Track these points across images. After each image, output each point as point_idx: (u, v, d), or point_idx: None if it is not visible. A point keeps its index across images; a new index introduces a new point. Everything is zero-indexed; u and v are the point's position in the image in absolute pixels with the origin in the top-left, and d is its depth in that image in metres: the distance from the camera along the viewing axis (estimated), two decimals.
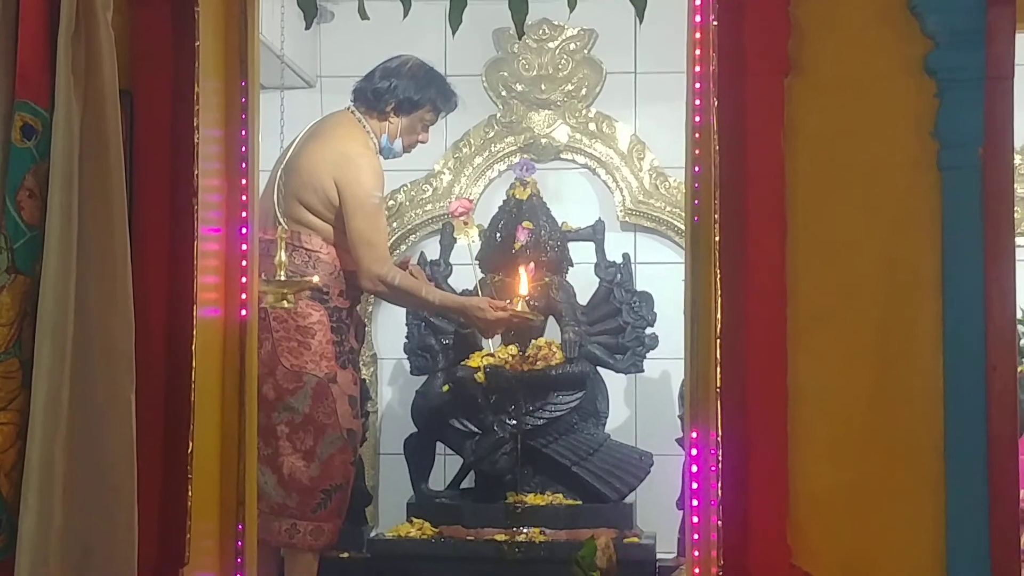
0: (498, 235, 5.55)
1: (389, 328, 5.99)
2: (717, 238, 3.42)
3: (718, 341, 3.40)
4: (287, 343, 4.89)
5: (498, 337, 5.51)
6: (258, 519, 4.73)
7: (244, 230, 3.75)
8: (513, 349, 5.46)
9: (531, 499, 5.30)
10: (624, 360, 5.54)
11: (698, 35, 3.57)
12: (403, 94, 5.18)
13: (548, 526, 5.23)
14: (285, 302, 4.66)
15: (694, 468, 3.60)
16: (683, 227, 5.00)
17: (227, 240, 3.72)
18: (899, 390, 3.43)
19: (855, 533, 3.39)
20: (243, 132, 3.74)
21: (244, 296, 3.75)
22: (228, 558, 3.70)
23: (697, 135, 3.58)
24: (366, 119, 5.17)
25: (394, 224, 6.04)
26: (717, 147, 3.43)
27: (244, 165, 3.75)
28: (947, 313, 3.41)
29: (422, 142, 5.32)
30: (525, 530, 5.22)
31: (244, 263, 3.74)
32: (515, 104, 6.11)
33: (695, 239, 3.63)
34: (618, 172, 6.06)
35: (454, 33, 3.87)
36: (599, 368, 5.53)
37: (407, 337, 5.62)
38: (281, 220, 4.94)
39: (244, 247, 3.75)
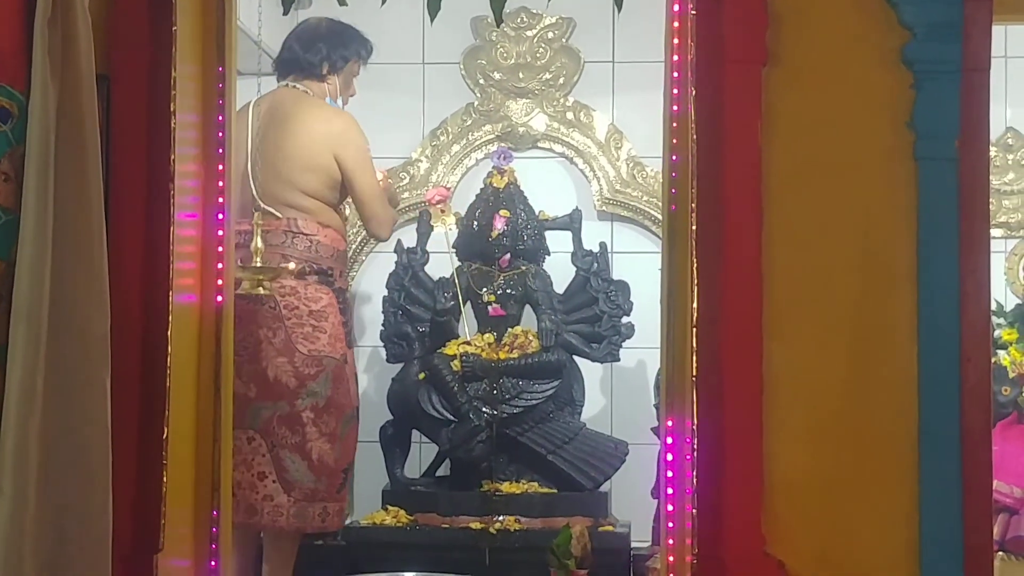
0: (475, 223, 5.55)
1: (365, 315, 5.99)
2: (694, 227, 3.43)
3: (694, 330, 3.40)
4: (301, 329, 4.92)
5: (475, 325, 5.52)
6: (292, 507, 4.84)
7: (220, 216, 3.74)
8: (490, 337, 5.47)
9: (506, 487, 5.31)
10: (600, 349, 5.54)
11: (676, 24, 3.57)
12: (334, 52, 5.23)
13: (523, 514, 5.23)
14: (261, 288, 4.67)
15: (669, 457, 3.60)
16: (660, 216, 5.01)
17: (203, 226, 3.71)
18: (874, 380, 3.44)
19: (829, 522, 3.40)
20: (220, 118, 3.73)
21: (220, 282, 3.75)
22: (202, 544, 3.70)
23: (674, 124, 3.58)
24: (308, 87, 5.19)
25: None
26: (694, 137, 3.44)
27: (221, 151, 3.74)
28: (922, 304, 3.42)
29: (352, 96, 5.37)
30: (500, 518, 5.22)
31: (220, 249, 3.74)
32: (493, 92, 6.11)
33: (672, 228, 3.63)
34: (595, 161, 6.06)
35: (432, 20, 3.87)
36: (575, 357, 5.54)
37: (383, 324, 5.61)
38: (272, 209, 4.94)
39: (220, 233, 3.74)
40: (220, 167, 3.74)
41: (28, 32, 3.17)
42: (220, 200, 3.74)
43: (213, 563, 3.70)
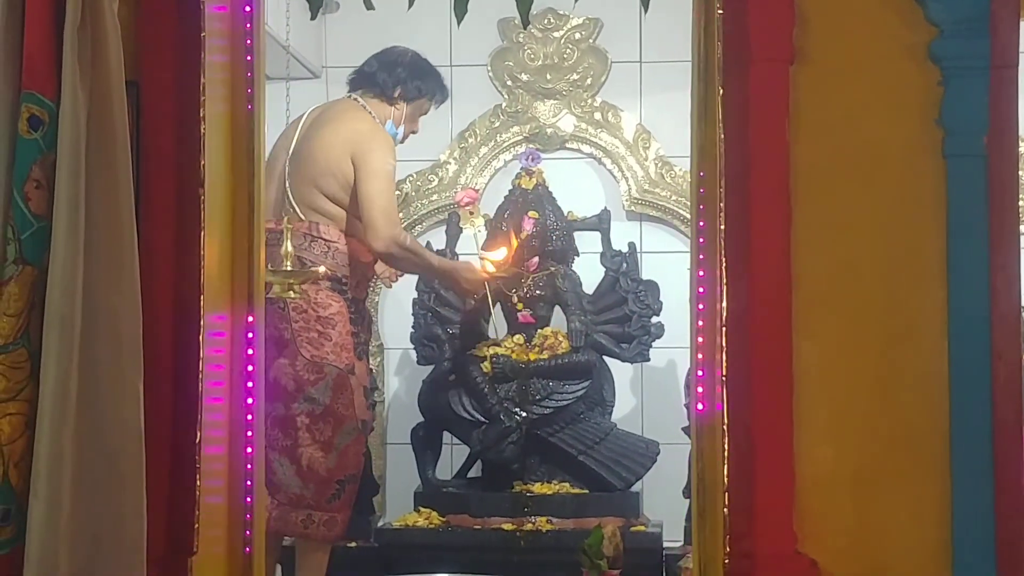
0: (504, 225, 5.56)
1: (395, 318, 6.01)
2: (722, 226, 3.42)
3: (723, 329, 3.40)
4: (307, 334, 4.91)
5: (505, 327, 5.53)
6: (274, 511, 4.77)
7: (250, 220, 3.76)
8: (520, 338, 5.48)
9: (538, 488, 5.32)
10: (630, 349, 5.55)
11: (703, 23, 3.57)
12: (411, 81, 5.24)
13: (555, 515, 5.24)
14: (291, 292, 4.67)
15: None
16: (688, 216, 5.01)
17: (234, 230, 3.73)
18: (904, 378, 3.43)
19: (861, 519, 3.39)
20: (249, 123, 3.74)
21: (251, 287, 3.76)
22: (236, 548, 3.71)
23: (702, 124, 3.58)
24: (370, 105, 5.20)
25: (400, 215, 6.04)
26: (722, 136, 3.43)
27: (251, 155, 3.75)
28: (952, 301, 3.41)
29: (414, 132, 5.36)
30: (532, 519, 5.23)
31: (250, 253, 3.75)
32: (520, 94, 6.12)
33: (700, 228, 3.63)
34: (623, 161, 6.07)
35: (459, 23, 3.87)
36: (605, 357, 5.54)
37: (413, 327, 5.63)
38: (298, 211, 4.96)
39: (250, 237, 3.75)
40: (250, 172, 3.75)
41: (58, 40, 3.19)
42: (250, 204, 3.75)
43: (246, 566, 3.71)
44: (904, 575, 3.39)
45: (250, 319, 3.73)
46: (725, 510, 3.37)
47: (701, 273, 3.58)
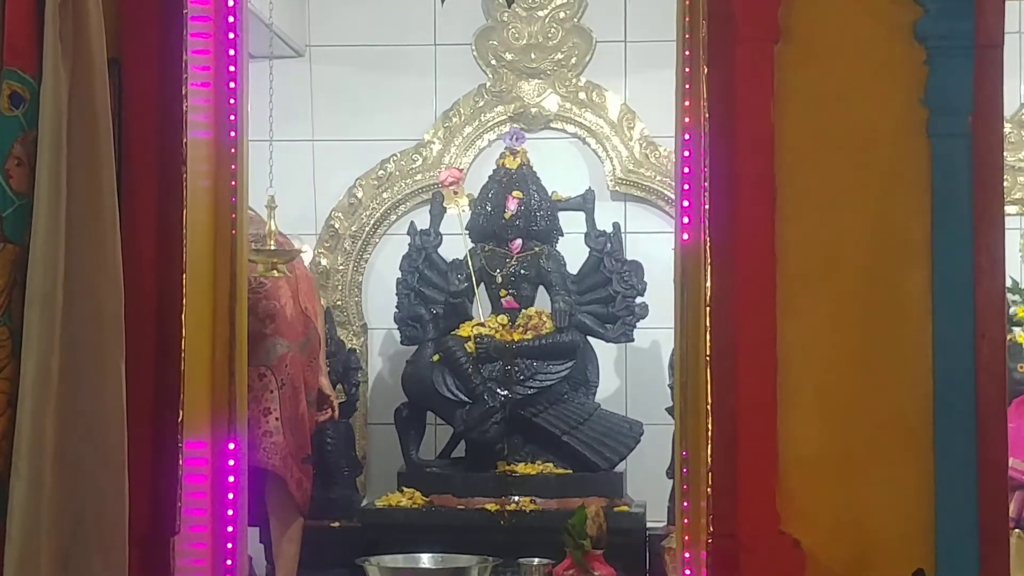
0: (488, 205, 5.55)
1: (379, 298, 5.99)
2: (706, 206, 3.42)
3: (707, 309, 3.40)
4: (320, 290, 5.34)
5: (489, 307, 5.53)
6: (287, 448, 4.90)
7: (232, 199, 3.75)
8: (504, 319, 5.48)
9: (522, 468, 5.32)
10: (614, 329, 5.55)
11: (688, 2, 3.56)
12: None
13: (539, 495, 5.25)
14: (275, 271, 4.68)
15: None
16: (673, 196, 5.00)
17: (216, 208, 3.72)
18: (888, 357, 3.43)
19: (844, 499, 3.40)
20: (232, 101, 3.73)
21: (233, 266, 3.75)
22: (219, 527, 3.71)
23: (687, 103, 3.57)
24: None
25: (384, 194, 6.04)
26: (707, 115, 3.43)
27: (233, 134, 3.74)
28: (936, 281, 3.41)
29: None
30: (516, 499, 5.23)
31: (233, 231, 3.74)
32: (505, 73, 6.11)
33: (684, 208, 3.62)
34: (608, 141, 6.06)
35: (443, 1, 3.86)
36: (589, 337, 5.54)
37: (397, 307, 5.62)
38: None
39: (232, 215, 3.74)
40: (232, 150, 3.74)
41: (39, 17, 3.17)
42: (232, 183, 3.74)
43: (229, 545, 3.71)
44: (888, 554, 3.39)
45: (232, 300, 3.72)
46: (708, 490, 3.37)
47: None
